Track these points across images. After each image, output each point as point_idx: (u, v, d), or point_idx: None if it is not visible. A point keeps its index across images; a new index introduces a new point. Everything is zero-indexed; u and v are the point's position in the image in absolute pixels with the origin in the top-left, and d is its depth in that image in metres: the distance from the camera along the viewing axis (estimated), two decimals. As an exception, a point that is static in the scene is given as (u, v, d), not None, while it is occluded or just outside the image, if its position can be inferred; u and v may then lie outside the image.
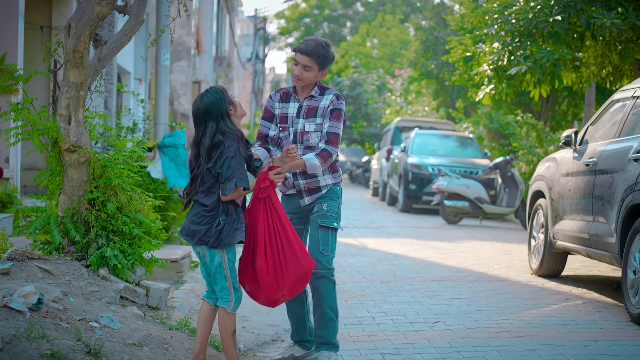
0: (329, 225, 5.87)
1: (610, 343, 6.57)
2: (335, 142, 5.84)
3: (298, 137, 5.94)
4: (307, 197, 5.98)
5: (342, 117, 5.89)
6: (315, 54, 5.80)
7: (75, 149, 6.41)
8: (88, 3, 6.33)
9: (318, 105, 5.91)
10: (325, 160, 5.79)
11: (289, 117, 5.97)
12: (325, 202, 5.93)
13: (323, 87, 5.97)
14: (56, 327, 5.06)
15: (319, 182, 5.96)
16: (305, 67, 5.82)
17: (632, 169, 7.70)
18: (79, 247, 6.47)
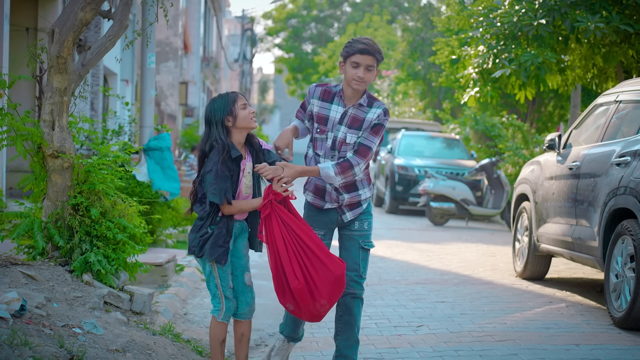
0: (370, 246, 5.66)
1: (592, 347, 6.61)
2: (364, 154, 5.42)
3: (337, 145, 5.53)
4: (349, 212, 5.62)
5: (381, 132, 5.48)
6: (377, 52, 5.42)
7: (59, 155, 6.41)
8: (72, 9, 6.33)
9: (364, 117, 5.47)
10: (344, 172, 5.40)
11: (330, 120, 5.54)
12: (366, 220, 5.64)
13: (371, 97, 5.56)
14: (39, 333, 5.06)
15: (360, 195, 5.60)
16: (368, 68, 5.40)
17: (615, 173, 7.76)
18: (62, 253, 6.48)
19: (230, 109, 5.23)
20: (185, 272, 9.38)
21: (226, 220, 5.28)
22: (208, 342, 6.55)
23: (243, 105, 5.26)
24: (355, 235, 5.61)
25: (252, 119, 5.29)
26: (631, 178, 7.40)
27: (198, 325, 7.18)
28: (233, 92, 5.36)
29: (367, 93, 5.51)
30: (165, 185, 11.08)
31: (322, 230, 5.62)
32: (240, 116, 5.23)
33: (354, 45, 5.42)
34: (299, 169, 5.36)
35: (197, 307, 7.90)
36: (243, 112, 5.25)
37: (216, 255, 5.25)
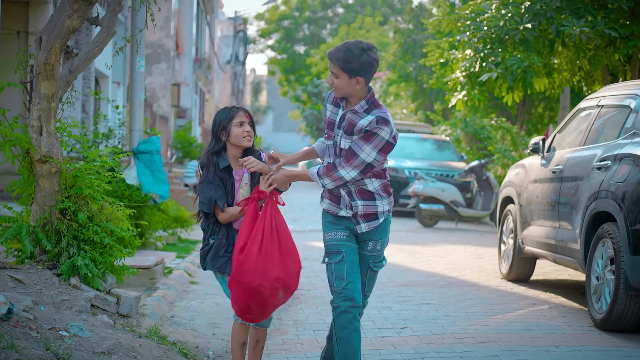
0: (379, 268, 5.47)
1: (572, 348, 6.73)
2: (348, 158, 5.14)
3: (337, 151, 5.31)
4: (364, 223, 5.35)
5: (374, 140, 5.10)
6: (336, 58, 5.09)
7: (46, 160, 6.50)
8: (59, 16, 6.43)
9: (357, 123, 5.19)
10: (328, 172, 5.20)
11: (335, 125, 5.33)
12: (380, 240, 5.38)
13: (373, 103, 5.22)
14: (26, 336, 5.16)
15: (377, 207, 5.31)
16: (334, 74, 5.14)
17: (596, 177, 7.88)
18: (50, 256, 6.57)
19: (225, 124, 5.34)
20: (173, 275, 9.48)
21: (225, 230, 5.37)
22: (194, 344, 6.67)
23: (239, 123, 5.34)
24: (367, 255, 5.40)
25: (245, 138, 5.35)
26: (611, 182, 7.52)
27: (184, 327, 7.27)
28: (235, 108, 5.42)
29: (371, 98, 5.21)
30: (154, 188, 11.17)
31: (346, 232, 5.36)
32: (232, 134, 5.33)
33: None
34: (288, 172, 5.33)
35: (184, 310, 8.00)
36: (236, 130, 5.33)
37: (218, 266, 5.34)
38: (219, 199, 5.29)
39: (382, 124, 5.12)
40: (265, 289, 5.16)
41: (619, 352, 6.66)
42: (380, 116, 5.14)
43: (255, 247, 5.17)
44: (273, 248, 5.21)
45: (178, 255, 11.20)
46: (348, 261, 5.28)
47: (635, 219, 7.09)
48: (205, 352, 6.53)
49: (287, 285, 5.22)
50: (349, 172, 5.15)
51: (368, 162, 5.13)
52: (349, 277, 5.25)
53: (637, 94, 7.96)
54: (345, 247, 5.31)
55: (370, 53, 5.10)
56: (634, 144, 7.50)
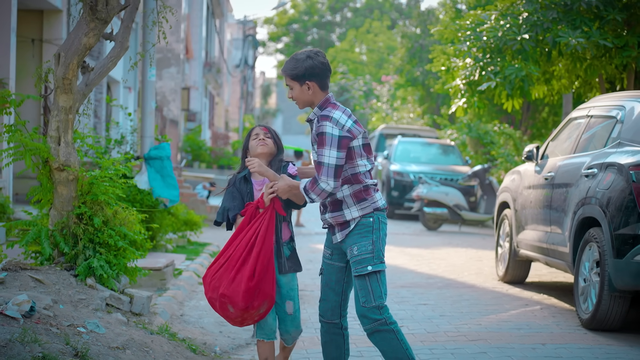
0: (363, 272, 5.19)
1: (557, 346, 7.15)
2: (318, 169, 5.13)
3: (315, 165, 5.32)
4: (339, 232, 5.31)
5: (325, 140, 5.07)
6: (284, 70, 5.28)
7: (64, 168, 6.95)
8: (76, 34, 6.87)
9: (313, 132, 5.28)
10: (312, 187, 5.16)
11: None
12: (355, 245, 5.24)
13: (322, 107, 5.26)
14: (47, 332, 5.60)
15: (345, 215, 5.26)
16: (289, 86, 5.34)
17: (584, 183, 8.29)
18: (67, 258, 7.02)
19: (246, 144, 5.70)
20: (183, 276, 9.92)
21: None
22: (202, 341, 7.11)
23: (255, 136, 5.65)
24: (350, 263, 5.31)
25: (259, 145, 5.60)
26: (597, 189, 7.93)
27: (193, 325, 7.72)
28: (255, 127, 5.77)
29: (324, 104, 5.24)
30: (165, 193, 11.62)
31: (329, 249, 5.45)
32: (250, 147, 5.65)
33: None
34: (291, 182, 5.32)
35: (193, 309, 8.45)
36: (252, 143, 5.64)
37: None
38: (232, 209, 5.48)
39: (322, 121, 5.10)
40: (215, 302, 5.39)
41: (601, 349, 7.07)
42: (321, 114, 5.16)
43: (222, 259, 5.39)
44: (234, 264, 5.33)
45: (187, 257, 11.64)
46: (324, 280, 5.46)
47: (619, 224, 7.51)
48: (212, 348, 6.97)
49: (233, 301, 5.31)
50: (327, 182, 5.08)
51: (334, 164, 5.05)
52: (323, 295, 5.47)
53: (624, 105, 8.37)
54: (326, 265, 5.46)
55: (316, 58, 5.19)
56: (618, 153, 7.91)
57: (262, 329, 5.57)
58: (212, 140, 44.08)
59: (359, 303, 5.23)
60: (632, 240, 7.37)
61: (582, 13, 12.47)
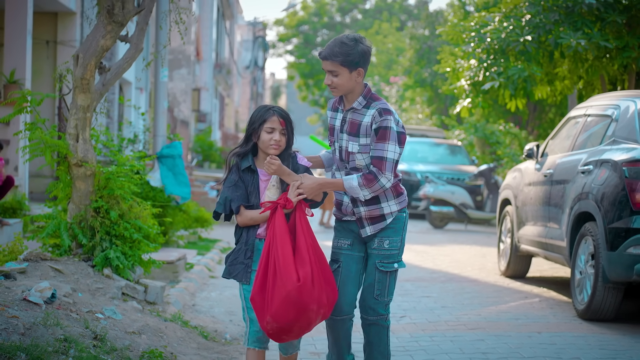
0: (389, 269, 5.16)
1: (552, 334, 7.47)
2: (379, 165, 4.96)
3: (344, 156, 5.18)
4: (369, 226, 5.16)
5: (389, 135, 4.97)
6: (333, 55, 5.00)
7: (82, 164, 7.30)
8: (94, 36, 7.23)
9: (361, 122, 5.07)
10: (369, 183, 4.96)
11: (336, 129, 5.22)
12: (387, 239, 5.15)
13: (370, 97, 5.11)
14: (67, 317, 5.95)
15: (383, 209, 5.13)
16: (332, 73, 5.04)
17: (580, 180, 8.61)
18: (85, 250, 7.38)
19: (257, 127, 5.05)
20: (194, 270, 10.27)
21: (246, 235, 5.05)
22: (213, 329, 7.45)
23: (270, 129, 5.02)
24: (374, 254, 5.18)
25: (272, 147, 5.02)
26: (593, 185, 8.25)
27: (205, 314, 8.07)
28: (271, 110, 5.08)
29: (368, 93, 5.12)
30: (176, 190, 11.98)
31: (348, 239, 5.25)
32: (261, 138, 5.04)
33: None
34: (321, 180, 5.04)
35: (205, 300, 8.80)
36: (265, 136, 5.03)
37: (235, 274, 5.03)
38: (234, 200, 4.99)
39: (385, 115, 4.99)
40: (313, 314, 4.87)
41: (594, 337, 7.39)
42: (381, 107, 5.01)
43: (307, 267, 4.85)
44: (320, 271, 4.93)
45: (199, 252, 12.00)
46: (344, 271, 5.20)
47: (612, 218, 7.83)
48: (222, 335, 7.31)
49: (326, 314, 4.99)
50: (389, 177, 4.97)
51: (396, 160, 4.99)
52: (341, 288, 5.17)
53: (619, 104, 8.69)
54: (344, 256, 5.23)
55: (364, 42, 5.04)
56: (613, 151, 8.23)
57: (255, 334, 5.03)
58: (222, 140, 44.45)
59: (371, 294, 5.15)
60: (625, 233, 7.69)
61: (583, 15, 12.76)
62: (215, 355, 6.53)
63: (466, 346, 6.97)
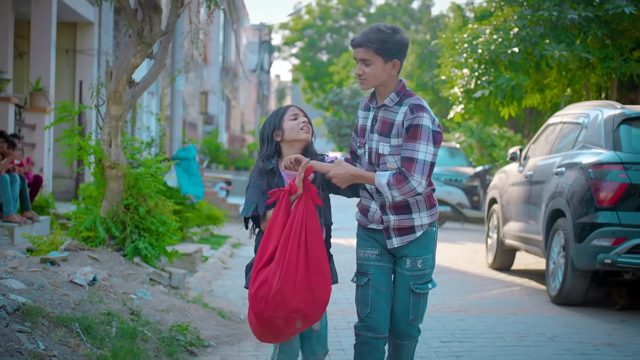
0: (424, 291, 4.84)
1: (525, 315, 8.53)
2: (408, 167, 4.55)
3: (373, 158, 4.75)
4: (397, 237, 4.76)
5: (421, 134, 4.53)
6: (369, 41, 4.58)
7: (115, 166, 8.37)
8: (126, 55, 8.30)
9: (393, 120, 4.65)
10: (399, 184, 4.54)
11: (366, 130, 4.79)
12: (420, 257, 4.79)
13: (403, 93, 4.67)
14: (107, 296, 7.02)
15: (414, 220, 4.72)
16: (365, 62, 4.61)
17: (554, 180, 9.67)
18: (117, 241, 8.45)
19: (277, 123, 4.80)
20: (209, 262, 11.35)
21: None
22: (229, 310, 8.52)
23: (293, 116, 4.81)
24: (406, 275, 4.79)
25: (302, 129, 4.77)
26: (564, 185, 9.31)
27: (221, 299, 9.15)
28: (285, 106, 4.90)
29: (403, 89, 4.68)
30: (191, 190, 13.08)
31: (376, 249, 4.83)
32: (287, 128, 4.77)
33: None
34: (353, 170, 4.64)
35: (220, 287, 9.88)
36: (290, 123, 4.79)
37: None
38: (260, 204, 4.66)
39: (418, 111, 4.57)
40: (279, 320, 4.48)
41: (561, 318, 8.45)
42: (414, 104, 4.59)
43: (273, 265, 4.50)
44: (296, 268, 4.47)
45: (212, 247, 13.07)
46: (375, 285, 4.78)
47: (580, 214, 8.88)
48: (237, 316, 8.38)
49: (307, 316, 4.51)
50: (420, 180, 4.56)
51: (430, 161, 4.56)
52: (374, 304, 4.76)
53: (589, 113, 9.75)
54: (374, 268, 4.80)
55: (402, 32, 4.66)
56: (582, 154, 9.29)
57: (286, 354, 4.75)
58: (229, 142, 45.46)
59: (406, 320, 4.82)
60: (590, 227, 8.75)
61: (567, 28, 13.80)
62: (232, 331, 7.59)
63: (448, 324, 8.03)
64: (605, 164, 8.78)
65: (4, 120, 12.46)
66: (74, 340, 5.76)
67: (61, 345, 5.58)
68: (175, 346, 6.52)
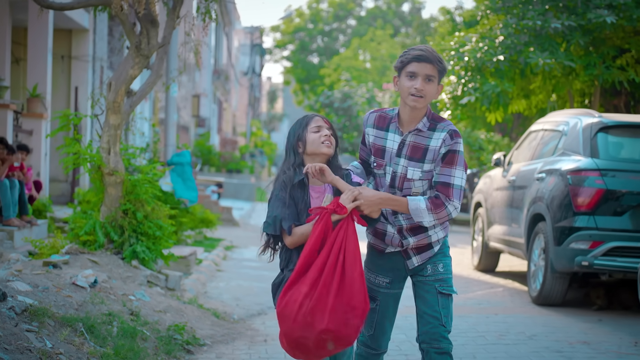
0: (450, 291, 4.82)
1: (507, 315, 8.92)
2: (446, 192, 4.56)
3: (397, 182, 4.69)
4: (416, 256, 4.77)
5: (457, 160, 4.58)
6: (437, 60, 4.56)
7: (113, 173, 8.74)
8: (124, 67, 8.67)
9: (427, 146, 4.62)
10: (437, 209, 4.57)
11: (387, 152, 4.71)
12: (440, 262, 4.78)
13: (435, 118, 4.65)
14: (107, 298, 7.38)
15: (431, 237, 4.74)
16: (429, 78, 4.54)
17: (535, 186, 10.07)
18: (116, 245, 8.81)
19: (300, 133, 4.64)
20: (203, 264, 11.72)
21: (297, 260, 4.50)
22: (222, 311, 8.89)
23: (316, 128, 4.62)
24: (430, 280, 4.77)
25: (324, 143, 4.59)
26: (544, 190, 9.71)
27: (215, 300, 9.51)
28: (309, 115, 4.71)
29: (431, 114, 4.65)
30: (185, 194, 13.45)
31: (387, 277, 4.83)
32: (309, 140, 4.59)
33: (409, 53, 4.61)
34: (382, 195, 4.59)
35: (214, 289, 10.25)
36: (312, 136, 4.60)
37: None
38: (285, 218, 4.48)
39: (456, 138, 4.59)
40: (309, 341, 4.37)
41: (541, 317, 8.85)
42: (452, 129, 4.61)
43: (305, 286, 4.38)
44: (329, 290, 4.38)
45: (205, 249, 13.44)
46: (381, 310, 4.86)
47: (559, 218, 9.29)
48: (231, 316, 8.75)
49: (338, 337, 4.37)
50: (456, 205, 4.61)
51: (462, 187, 4.64)
52: (378, 328, 4.87)
53: (568, 121, 10.15)
54: (382, 295, 4.85)
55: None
56: (561, 161, 9.69)
57: None
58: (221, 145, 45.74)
59: (439, 322, 4.78)
60: (568, 231, 9.16)
61: (550, 37, 14.20)
62: (226, 331, 7.96)
63: (433, 324, 8.40)
64: (583, 170, 9.19)
65: (3, 127, 12.78)
66: (79, 339, 6.13)
67: (67, 344, 5.95)
68: (173, 345, 6.90)
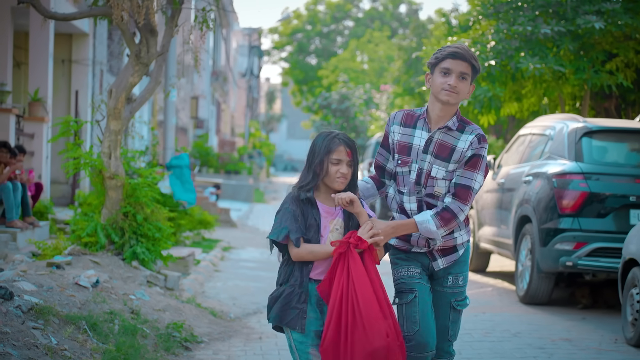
0: (463, 307, 4.87)
1: (494, 314, 9.24)
2: (464, 196, 4.60)
3: (422, 180, 4.70)
4: (441, 258, 4.78)
5: (481, 165, 4.61)
6: (472, 57, 4.62)
7: (114, 177, 9.05)
8: (125, 75, 8.99)
9: (455, 146, 4.63)
10: (447, 224, 4.59)
11: (414, 149, 4.71)
12: (461, 274, 4.83)
13: (463, 120, 4.69)
14: (109, 297, 7.70)
15: (456, 239, 4.77)
16: (463, 76, 4.59)
17: (523, 188, 10.39)
18: (117, 246, 9.13)
19: (322, 157, 4.55)
20: (201, 265, 12.03)
21: (300, 276, 4.54)
22: (220, 310, 9.21)
23: (336, 160, 4.53)
24: (447, 292, 4.81)
25: (338, 180, 4.54)
26: (531, 193, 10.04)
27: (212, 299, 9.83)
28: (335, 138, 4.56)
29: (459, 115, 4.68)
30: (184, 196, 13.77)
31: (418, 268, 4.80)
32: (327, 170, 4.55)
33: (444, 50, 4.65)
34: (393, 223, 4.64)
35: (212, 289, 10.57)
36: (332, 169, 4.54)
37: (288, 320, 4.50)
38: (293, 231, 4.47)
39: (483, 143, 4.60)
40: None
41: (526, 316, 9.18)
42: (480, 133, 4.62)
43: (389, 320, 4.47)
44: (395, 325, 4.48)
45: (203, 250, 13.75)
46: (421, 302, 4.71)
47: (544, 220, 9.61)
48: (228, 315, 9.07)
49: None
50: (465, 210, 4.66)
51: (478, 190, 4.69)
52: (423, 321, 4.67)
53: (554, 126, 10.48)
54: (419, 285, 4.76)
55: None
56: (547, 165, 10.02)
57: None
58: (219, 146, 46.01)
59: (445, 336, 4.83)
60: (553, 232, 9.49)
61: (541, 42, 14.52)
62: (223, 329, 8.28)
63: (422, 322, 8.73)
64: (568, 174, 9.51)
65: (5, 131, 13.10)
66: (82, 336, 6.45)
67: (71, 341, 6.27)
68: (172, 342, 7.23)
